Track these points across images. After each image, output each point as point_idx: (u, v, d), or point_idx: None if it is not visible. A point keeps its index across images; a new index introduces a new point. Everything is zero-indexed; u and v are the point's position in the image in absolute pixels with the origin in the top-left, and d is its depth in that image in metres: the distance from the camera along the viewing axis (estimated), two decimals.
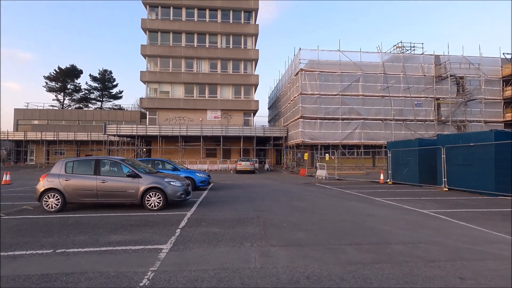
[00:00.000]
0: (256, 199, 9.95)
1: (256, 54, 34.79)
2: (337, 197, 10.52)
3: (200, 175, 13.14)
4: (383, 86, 28.01)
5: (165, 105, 33.56)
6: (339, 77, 27.79)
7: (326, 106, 27.42)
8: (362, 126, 27.43)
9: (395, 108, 27.96)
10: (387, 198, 9.94)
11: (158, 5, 34.10)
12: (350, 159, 28.14)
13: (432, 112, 28.57)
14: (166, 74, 33.76)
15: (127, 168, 7.84)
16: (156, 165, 13.21)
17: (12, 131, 39.33)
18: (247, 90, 34.92)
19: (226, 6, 34.64)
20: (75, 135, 38.09)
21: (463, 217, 6.86)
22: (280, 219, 6.66)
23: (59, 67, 53.11)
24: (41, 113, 41.70)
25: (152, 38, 34.09)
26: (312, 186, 14.48)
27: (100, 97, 58.48)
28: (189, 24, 34.20)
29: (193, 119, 33.72)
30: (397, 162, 15.48)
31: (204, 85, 34.23)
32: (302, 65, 27.67)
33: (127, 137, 33.07)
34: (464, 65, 28.97)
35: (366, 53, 28.76)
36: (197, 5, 34.42)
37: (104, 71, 57.39)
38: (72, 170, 7.80)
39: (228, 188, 13.48)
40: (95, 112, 44.00)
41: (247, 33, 34.88)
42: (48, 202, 7.48)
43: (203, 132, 30.26)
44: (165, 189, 7.66)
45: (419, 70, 28.92)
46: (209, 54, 34.20)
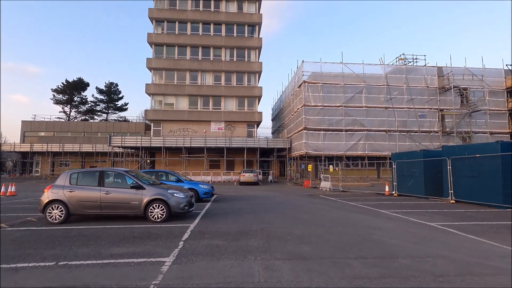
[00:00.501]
0: (260, 211, 9.86)
1: (260, 67, 35.26)
2: (342, 209, 10.38)
3: (204, 186, 13.10)
4: (386, 97, 28.07)
5: (169, 117, 33.90)
6: (342, 89, 27.95)
7: (329, 117, 27.48)
8: (366, 137, 27.34)
9: (399, 119, 27.91)
10: (393, 211, 9.78)
11: (164, 20, 35.01)
12: (355, 170, 27.93)
13: (436, 123, 28.46)
14: (171, 87, 34.26)
15: (131, 180, 7.85)
16: (160, 177, 13.20)
17: (18, 143, 39.85)
18: (250, 102, 35.22)
19: (230, 20, 35.44)
20: (80, 146, 38.45)
21: (472, 230, 6.71)
22: (284, 231, 6.57)
23: (67, 80, 54.25)
24: (48, 125, 42.34)
25: (158, 52, 34.82)
26: (316, 198, 14.33)
27: (106, 109, 59.30)
28: (194, 38, 34.94)
29: (197, 131, 33.93)
30: (402, 173, 15.31)
31: (208, 97, 34.61)
32: (305, 77, 27.94)
33: (131, 149, 33.28)
34: (467, 76, 29.02)
35: (369, 65, 29.02)
36: (202, 20, 35.27)
37: (110, 83, 58.44)
38: (77, 182, 7.83)
39: (232, 200, 13.39)
40: (100, 124, 44.54)
41: (250, 46, 35.48)
42: (52, 213, 7.47)
43: (206, 144, 30.37)
44: (169, 201, 7.63)
45: (422, 81, 29.01)
46: (213, 67, 34.74)
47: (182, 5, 35.52)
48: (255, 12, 36.22)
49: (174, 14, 35.02)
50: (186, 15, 35.09)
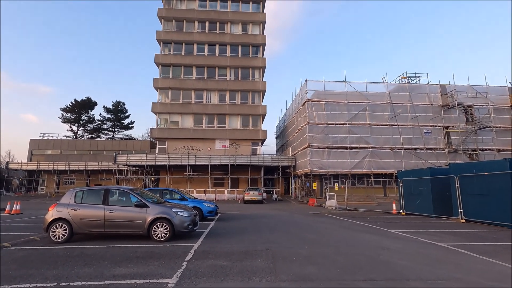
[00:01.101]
0: (265, 230, 9.68)
1: (264, 86, 35.86)
2: (349, 228, 10.15)
3: (208, 205, 12.98)
4: (390, 115, 28.12)
5: (174, 135, 34.23)
6: (346, 107, 28.12)
7: (333, 135, 27.48)
8: (371, 155, 27.15)
9: (403, 136, 27.79)
10: (401, 230, 9.53)
11: (171, 41, 36.23)
12: (360, 188, 27.54)
13: (442, 140, 28.25)
14: (177, 105, 34.85)
15: (135, 198, 7.83)
16: (164, 195, 13.14)
17: (26, 161, 40.32)
18: (255, 120, 35.53)
19: (235, 42, 36.53)
20: (86, 164, 38.74)
21: (484, 251, 6.48)
22: (290, 252, 6.42)
23: (75, 99, 55.67)
24: (55, 143, 42.97)
25: (164, 72, 35.75)
26: (322, 217, 14.07)
27: (112, 128, 60.22)
28: (199, 58, 35.94)
29: (202, 149, 34.09)
30: (409, 192, 15.04)
31: (213, 115, 35.05)
32: (309, 96, 28.26)
33: (136, 167, 33.42)
34: (471, 94, 29.08)
35: (372, 83, 29.33)
36: (208, 41, 36.43)
37: (118, 102, 59.73)
38: (81, 200, 7.83)
39: (236, 219, 13.20)
40: (106, 142, 45.09)
41: (255, 66, 36.29)
42: (55, 232, 7.42)
43: (211, 162, 30.40)
44: (172, 220, 7.56)
45: (425, 99, 29.11)
46: (218, 86, 35.43)
47: (188, 27, 36.86)
48: (259, 33, 37.34)
49: (181, 36, 36.27)
50: (193, 37, 36.31)
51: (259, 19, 37.45)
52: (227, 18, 37.08)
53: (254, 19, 37.41)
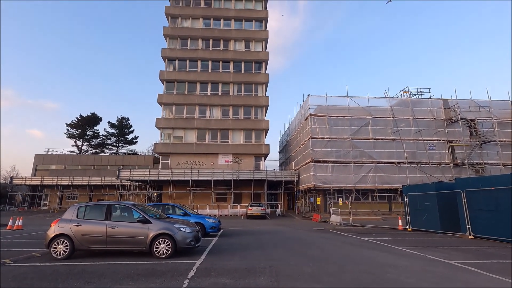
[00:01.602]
0: (268, 247, 9.51)
1: (267, 101, 36.23)
2: (354, 245, 9.94)
3: (210, 220, 12.85)
4: (393, 129, 28.10)
5: (178, 149, 34.37)
6: (349, 121, 28.20)
7: (337, 149, 27.40)
8: (375, 169, 26.93)
9: (407, 151, 27.63)
10: (407, 247, 9.30)
11: (175, 58, 37.08)
12: (365, 204, 27.14)
13: (446, 155, 28.02)
14: (180, 121, 35.19)
15: (137, 213, 7.79)
16: (167, 210, 13.06)
17: (30, 176, 40.49)
18: (258, 134, 35.67)
19: (238, 58, 37.29)
20: (89, 179, 38.78)
21: (494, 269, 6.28)
22: (294, 269, 6.27)
23: (81, 115, 56.55)
24: (59, 158, 43.26)
25: (169, 88, 36.37)
26: (327, 233, 13.81)
27: (117, 143, 60.69)
28: (203, 74, 36.63)
29: (205, 163, 34.08)
30: (415, 207, 14.79)
31: (216, 130, 35.27)
32: (312, 110, 28.44)
33: (139, 182, 33.38)
34: (474, 108, 29.08)
35: (374, 98, 29.49)
36: (211, 58, 37.24)
37: (122, 118, 60.46)
38: (84, 215, 7.80)
39: (239, 235, 13.00)
40: (110, 157, 45.31)
41: (257, 81, 36.83)
42: (56, 248, 7.35)
43: (214, 176, 30.31)
44: (175, 236, 7.46)
45: (428, 113, 29.14)
46: (221, 101, 35.87)
47: (193, 44, 37.80)
48: (261, 50, 38.14)
49: (185, 53, 37.15)
50: (197, 54, 37.16)
51: (261, 36, 38.36)
52: (231, 36, 38.03)
53: (256, 37, 38.32)
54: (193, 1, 39.31)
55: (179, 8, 38.64)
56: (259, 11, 39.26)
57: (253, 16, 38.97)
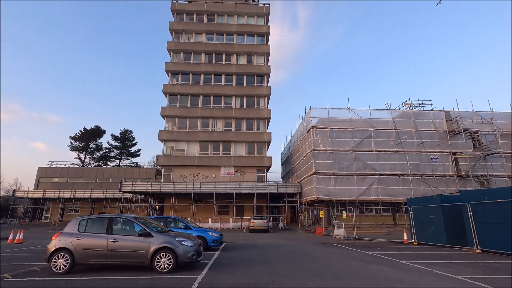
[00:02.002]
0: (271, 261, 9.33)
1: (269, 113, 36.45)
2: (359, 259, 9.73)
3: (212, 234, 12.69)
4: (396, 141, 28.01)
5: (180, 162, 34.37)
6: (351, 133, 28.18)
7: (339, 162, 27.26)
8: (378, 182, 26.68)
9: (411, 163, 27.43)
10: (414, 261, 9.08)
11: (179, 72, 37.68)
12: (369, 217, 26.75)
13: (450, 166, 27.77)
14: (183, 133, 35.37)
15: (139, 227, 7.71)
16: (168, 223, 12.95)
17: (32, 189, 40.48)
18: (260, 147, 35.68)
19: (241, 72, 37.83)
20: (91, 192, 38.70)
21: (503, 284, 6.10)
22: (297, 285, 6.13)
23: (85, 128, 57.05)
24: (62, 171, 43.36)
25: (172, 101, 36.76)
26: (330, 247, 13.56)
27: (119, 155, 60.85)
28: (206, 87, 37.09)
29: (207, 176, 33.98)
30: (420, 220, 14.53)
31: (219, 142, 35.35)
32: (313, 123, 28.51)
33: (141, 194, 33.24)
34: (476, 119, 29.03)
35: (376, 110, 29.57)
36: (214, 71, 37.81)
37: (125, 131, 60.87)
38: (85, 229, 7.73)
39: (241, 249, 12.80)
40: (112, 169, 45.35)
41: (259, 94, 37.18)
42: (57, 263, 7.26)
43: (216, 189, 30.14)
44: (176, 249, 7.36)
45: (430, 125, 29.11)
46: (224, 114, 36.12)
47: (196, 58, 38.47)
48: (263, 64, 38.71)
49: (189, 67, 37.78)
50: (200, 67, 37.77)
51: (263, 50, 39.02)
52: (233, 50, 38.72)
53: (259, 51, 38.99)
54: (197, 17, 40.31)
55: (183, 24, 39.59)
56: (261, 26, 40.11)
57: (255, 31, 39.79)
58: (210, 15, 40.50)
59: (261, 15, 40.80)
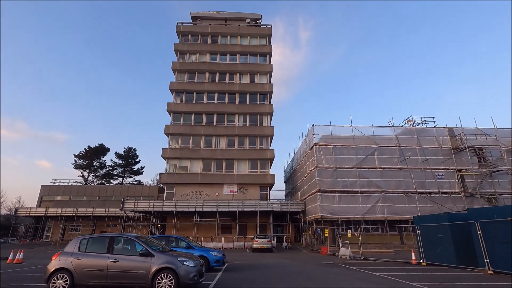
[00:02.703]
0: (275, 283, 9.06)
1: (271, 131, 36.64)
2: (367, 281, 9.40)
3: (215, 254, 12.43)
4: (399, 158, 27.80)
5: (183, 180, 34.26)
6: (354, 151, 28.06)
7: (343, 179, 26.98)
8: (383, 199, 26.23)
9: (416, 180, 27.04)
10: (424, 283, 8.75)
11: (183, 91, 38.39)
12: (375, 236, 26.10)
13: (456, 184, 27.32)
14: (186, 151, 35.49)
15: (140, 246, 7.58)
16: (170, 243, 12.73)
17: (34, 208, 40.32)
18: (263, 164, 35.58)
19: (244, 90, 38.47)
20: (93, 210, 38.44)
21: None
22: None
23: (89, 146, 57.52)
24: (65, 189, 43.29)
25: (176, 119, 37.20)
26: (336, 267, 13.16)
27: (122, 173, 60.88)
28: (209, 106, 37.61)
29: (210, 194, 33.73)
30: (428, 239, 14.13)
31: (222, 160, 35.36)
32: (316, 140, 28.52)
33: (143, 213, 32.92)
34: (480, 136, 28.86)
35: (378, 127, 29.57)
36: (218, 90, 38.49)
37: (129, 148, 61.27)
38: (86, 248, 7.62)
39: (244, 269, 12.46)
40: (115, 187, 45.25)
41: (262, 112, 37.56)
42: (56, 284, 7.10)
43: (218, 207, 29.78)
44: (178, 270, 7.18)
45: (434, 142, 28.96)
46: (227, 132, 36.37)
47: (200, 78, 39.31)
48: (266, 82, 39.38)
49: (193, 86, 38.54)
50: (203, 86, 38.50)
51: (266, 69, 39.83)
52: (236, 69, 39.57)
53: (261, 70, 39.80)
54: (201, 38, 41.58)
55: (188, 45, 40.79)
56: (263, 46, 41.18)
57: (258, 51, 40.82)
58: (214, 36, 41.77)
59: (264, 36, 41.98)
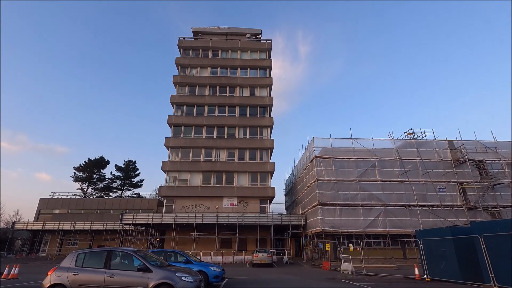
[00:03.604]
0: None
1: (272, 143, 36.67)
2: None
3: (214, 269, 12.17)
4: (400, 171, 27.70)
5: (182, 193, 34.02)
6: (355, 163, 28.00)
7: (344, 192, 26.79)
8: (385, 213, 25.95)
9: (417, 193, 26.84)
10: None
11: (184, 104, 38.70)
12: (377, 250, 25.66)
13: (458, 197, 27.09)
14: (186, 163, 35.41)
15: (138, 261, 7.45)
16: (169, 257, 12.52)
17: (32, 221, 39.83)
18: (263, 177, 35.42)
19: (244, 103, 38.79)
20: (91, 224, 37.96)
21: None
22: None
23: (89, 158, 57.35)
24: (64, 202, 42.87)
25: (176, 132, 37.33)
26: (338, 283, 12.87)
27: (122, 186, 60.48)
28: (210, 118, 37.83)
29: (209, 207, 33.41)
30: (431, 253, 13.87)
31: (222, 173, 35.21)
32: (317, 152, 28.51)
33: (142, 226, 32.48)
34: (480, 149, 28.85)
35: (378, 140, 29.63)
36: (218, 103, 38.80)
37: (129, 161, 61.09)
38: (83, 263, 7.49)
39: (244, 285, 12.18)
40: (114, 200, 44.83)
41: (262, 125, 37.73)
42: None
43: (218, 221, 29.42)
44: (176, 286, 7.02)
45: (434, 154, 28.93)
46: (227, 144, 36.41)
47: (200, 91, 39.73)
48: (266, 96, 39.75)
49: (193, 99, 38.90)
50: (204, 99, 38.85)
51: (266, 83, 40.30)
52: (237, 83, 40.05)
53: (261, 83, 40.27)
54: (202, 52, 42.32)
55: (189, 59, 41.47)
56: (263, 60, 41.84)
57: (258, 65, 41.44)
58: (215, 50, 42.52)
59: (264, 50, 42.73)
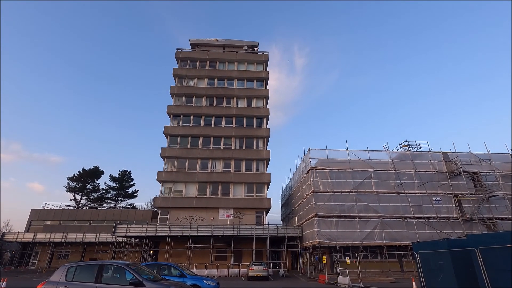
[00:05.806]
0: None
1: (268, 154, 36.66)
2: None
3: (208, 282, 11.91)
4: (396, 182, 27.78)
5: (177, 204, 33.61)
6: (351, 175, 28.05)
7: (340, 203, 26.71)
8: (381, 224, 25.83)
9: (413, 205, 26.86)
10: None
11: (180, 114, 38.76)
12: (374, 263, 25.39)
13: (454, 209, 27.14)
14: (182, 174, 35.13)
15: (130, 275, 7.27)
16: (162, 270, 12.25)
17: (22, 232, 38.86)
18: (259, 188, 35.22)
19: (240, 114, 38.97)
20: (84, 236, 37.09)
21: None
22: None
23: (83, 168, 56.59)
24: (56, 213, 41.99)
25: (172, 142, 37.21)
26: None
27: (116, 197, 59.58)
28: (206, 129, 37.85)
29: (205, 218, 32.99)
30: (428, 266, 13.72)
31: (218, 183, 34.97)
32: (313, 164, 28.53)
33: (135, 238, 31.85)
34: (475, 161, 29.13)
35: (374, 151, 29.80)
36: (215, 114, 38.93)
37: (124, 171, 60.38)
38: (73, 277, 7.28)
39: None
40: (108, 211, 44.03)
41: (259, 136, 37.81)
42: None
43: (213, 232, 29.01)
44: None
45: (429, 166, 29.12)
46: (223, 155, 36.31)
47: (197, 102, 39.90)
48: (262, 107, 40.03)
49: (190, 109, 39.00)
50: (201, 110, 38.97)
51: (262, 94, 40.64)
52: (233, 94, 40.32)
53: (258, 94, 40.60)
54: (199, 63, 42.73)
55: (186, 70, 41.82)
56: (260, 72, 42.34)
57: (255, 76, 41.90)
58: (212, 62, 42.98)
59: (260, 62, 43.30)
